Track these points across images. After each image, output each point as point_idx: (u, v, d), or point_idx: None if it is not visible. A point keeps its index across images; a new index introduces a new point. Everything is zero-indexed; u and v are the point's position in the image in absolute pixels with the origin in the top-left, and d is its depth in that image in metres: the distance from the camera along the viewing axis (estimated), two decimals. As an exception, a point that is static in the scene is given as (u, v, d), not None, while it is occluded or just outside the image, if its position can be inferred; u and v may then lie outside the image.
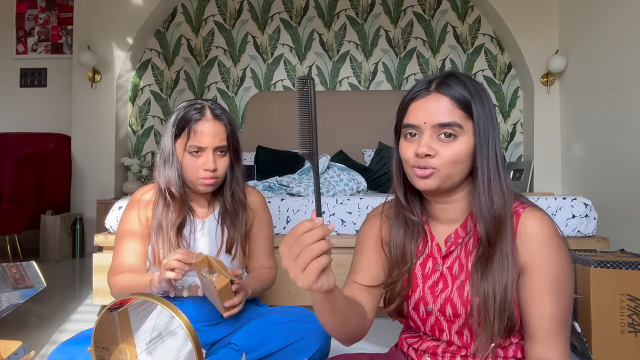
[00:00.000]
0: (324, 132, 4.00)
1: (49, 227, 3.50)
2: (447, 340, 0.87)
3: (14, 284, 1.18)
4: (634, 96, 2.78)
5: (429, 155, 0.81)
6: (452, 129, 0.80)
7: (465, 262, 0.85)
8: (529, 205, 0.84)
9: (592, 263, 1.65)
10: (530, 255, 0.80)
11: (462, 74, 0.85)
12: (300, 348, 1.17)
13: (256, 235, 1.40)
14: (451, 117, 0.80)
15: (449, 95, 0.81)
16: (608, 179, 3.06)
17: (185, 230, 1.31)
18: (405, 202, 0.91)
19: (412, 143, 0.84)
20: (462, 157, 0.82)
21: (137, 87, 4.26)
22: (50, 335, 1.86)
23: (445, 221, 0.90)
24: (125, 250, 1.32)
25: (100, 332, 0.88)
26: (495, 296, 0.78)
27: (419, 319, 0.89)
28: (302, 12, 4.22)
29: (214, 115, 1.26)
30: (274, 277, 1.41)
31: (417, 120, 0.83)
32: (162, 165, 1.28)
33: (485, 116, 0.82)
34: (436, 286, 0.87)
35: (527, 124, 4.00)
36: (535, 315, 0.79)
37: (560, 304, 0.78)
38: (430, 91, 0.83)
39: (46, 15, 4.29)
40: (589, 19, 3.32)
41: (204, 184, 1.26)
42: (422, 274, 0.89)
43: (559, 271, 0.79)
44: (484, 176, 0.82)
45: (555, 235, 0.81)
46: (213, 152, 1.25)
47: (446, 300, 0.85)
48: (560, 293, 0.79)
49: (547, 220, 0.82)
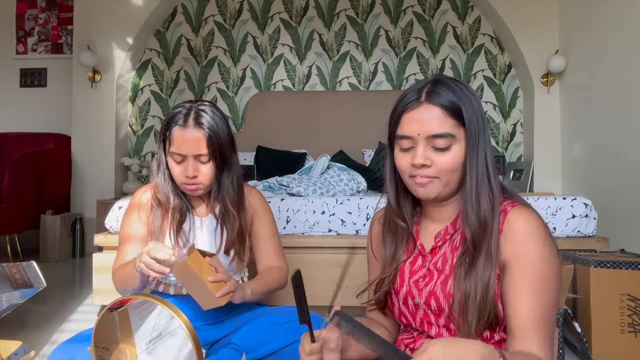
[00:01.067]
0: (324, 132, 4.01)
1: (49, 227, 3.50)
2: (436, 333, 0.88)
3: (14, 284, 1.18)
4: (634, 96, 2.78)
5: (425, 166, 0.83)
6: (445, 139, 0.82)
7: (451, 257, 0.87)
8: (519, 204, 0.86)
9: (592, 263, 1.65)
10: (513, 249, 0.81)
11: (449, 78, 0.87)
12: (300, 348, 1.17)
13: (258, 234, 1.40)
14: (444, 127, 0.82)
15: (439, 104, 0.82)
16: (608, 179, 3.06)
17: (184, 226, 1.32)
18: (396, 206, 0.93)
19: (407, 154, 0.86)
20: (458, 164, 0.84)
21: (137, 87, 4.26)
22: (50, 335, 1.86)
23: (438, 220, 0.92)
24: (126, 252, 1.33)
25: (100, 332, 0.88)
26: (477, 294, 0.80)
27: (409, 313, 0.92)
28: (302, 12, 4.22)
29: (196, 122, 1.22)
30: (284, 276, 1.38)
31: (410, 132, 0.84)
32: (155, 169, 1.31)
33: (475, 118, 0.84)
34: (422, 280, 0.90)
35: (527, 124, 4.00)
36: (513, 310, 0.79)
37: (541, 300, 0.78)
38: (421, 102, 0.83)
39: (46, 15, 4.29)
40: (589, 19, 3.32)
41: (187, 189, 1.27)
42: (409, 271, 0.92)
43: (541, 267, 0.79)
44: (472, 181, 0.83)
45: (539, 232, 0.81)
46: (194, 159, 1.23)
47: (430, 294, 0.87)
48: (540, 289, 0.79)
49: (533, 217, 0.83)
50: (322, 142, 3.95)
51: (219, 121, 1.26)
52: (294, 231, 2.11)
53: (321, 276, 2.04)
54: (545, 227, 0.83)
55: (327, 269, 2.06)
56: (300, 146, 3.93)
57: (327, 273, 2.05)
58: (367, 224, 2.09)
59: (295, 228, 2.10)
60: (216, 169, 1.27)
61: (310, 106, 4.06)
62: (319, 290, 2.04)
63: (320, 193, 2.36)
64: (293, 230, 2.11)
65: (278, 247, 1.43)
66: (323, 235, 2.11)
